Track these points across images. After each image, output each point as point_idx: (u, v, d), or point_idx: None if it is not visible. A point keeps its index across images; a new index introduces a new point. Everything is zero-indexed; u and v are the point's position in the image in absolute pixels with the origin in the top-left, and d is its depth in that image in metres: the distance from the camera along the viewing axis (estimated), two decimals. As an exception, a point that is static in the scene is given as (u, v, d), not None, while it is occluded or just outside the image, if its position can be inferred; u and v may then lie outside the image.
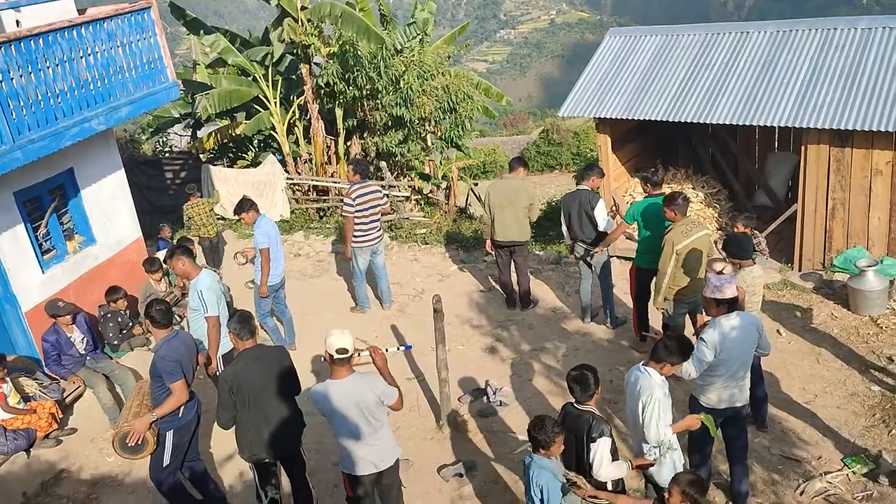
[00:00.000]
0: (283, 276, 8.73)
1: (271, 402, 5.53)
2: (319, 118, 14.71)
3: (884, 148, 8.70)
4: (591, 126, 21.40)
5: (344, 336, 5.04)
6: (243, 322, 5.57)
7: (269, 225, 8.47)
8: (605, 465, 4.74)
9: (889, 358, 7.65)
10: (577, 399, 4.87)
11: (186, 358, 5.92)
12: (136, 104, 9.00)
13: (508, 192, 8.89)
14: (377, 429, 5.19)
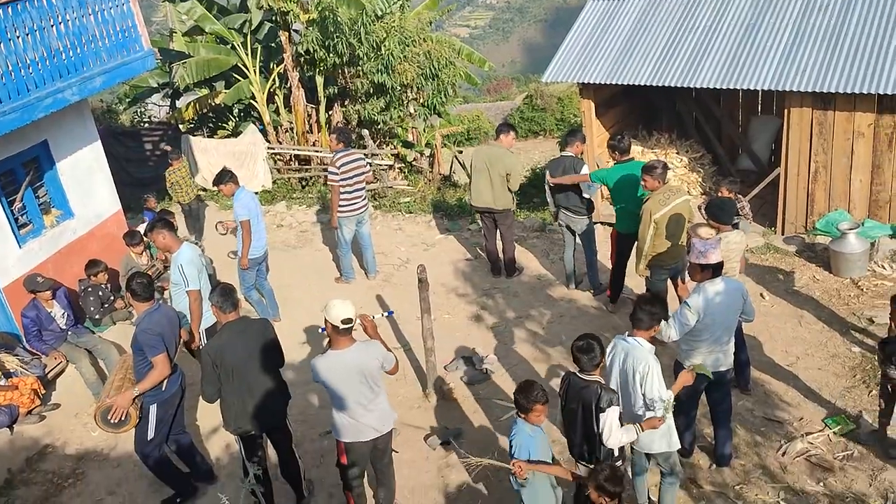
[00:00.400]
0: (266, 249, 8.65)
1: (255, 374, 5.51)
2: (300, 86, 14.49)
3: (866, 110, 8.69)
4: (574, 91, 21.25)
5: (347, 306, 5.03)
6: (225, 295, 5.52)
7: (249, 197, 8.36)
8: (615, 433, 4.75)
9: (870, 319, 7.72)
10: (583, 368, 4.82)
11: (169, 331, 5.87)
12: (110, 74, 8.82)
13: (487, 158, 8.86)
14: (378, 394, 5.27)
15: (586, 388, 4.80)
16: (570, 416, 4.96)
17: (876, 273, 8.56)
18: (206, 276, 7.10)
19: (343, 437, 5.32)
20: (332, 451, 6.28)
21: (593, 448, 4.91)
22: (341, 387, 5.13)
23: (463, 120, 22.31)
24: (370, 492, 5.90)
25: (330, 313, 5.00)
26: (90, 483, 6.65)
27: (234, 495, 5.82)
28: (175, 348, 5.99)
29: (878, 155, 8.84)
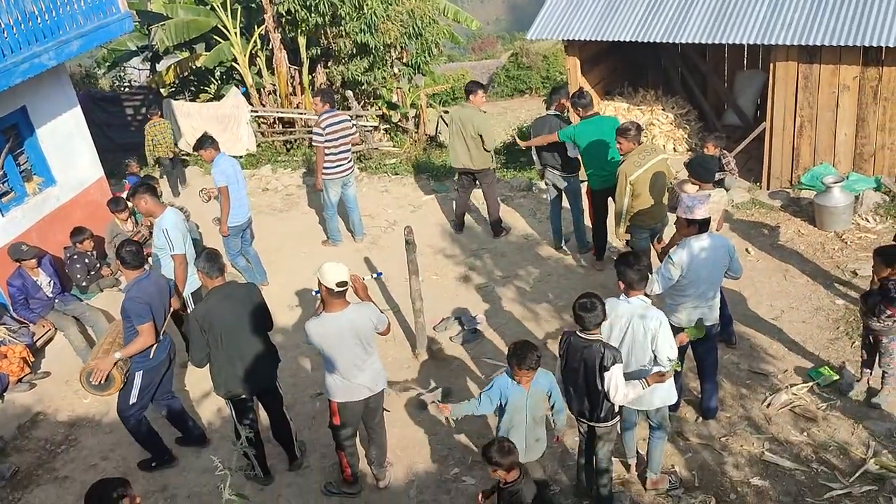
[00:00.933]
0: (250, 216, 8.58)
1: (244, 338, 5.52)
2: (282, 48, 14.26)
3: (851, 63, 8.68)
4: (560, 49, 21.07)
5: (341, 268, 5.04)
6: (211, 260, 5.51)
7: (228, 163, 8.25)
8: (621, 389, 4.79)
9: (853, 272, 7.80)
10: (585, 327, 4.81)
11: (157, 300, 5.86)
12: (87, 37, 8.66)
13: (460, 119, 8.90)
14: (371, 354, 5.33)
15: (588, 348, 4.81)
16: (571, 376, 4.98)
17: (860, 226, 8.63)
18: (190, 241, 7.08)
19: (336, 398, 5.36)
20: (324, 413, 6.34)
21: (595, 405, 4.95)
22: (336, 349, 5.15)
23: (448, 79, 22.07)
24: (362, 451, 5.97)
25: (325, 276, 5.00)
26: (83, 449, 6.69)
27: (226, 457, 5.90)
28: (164, 317, 5.98)
29: (862, 108, 8.85)
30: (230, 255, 8.47)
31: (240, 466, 5.78)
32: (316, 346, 5.22)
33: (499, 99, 25.25)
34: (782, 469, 5.59)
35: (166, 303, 6.04)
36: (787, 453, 5.73)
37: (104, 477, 4.03)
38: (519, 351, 4.68)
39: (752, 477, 5.55)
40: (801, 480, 5.48)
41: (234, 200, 8.21)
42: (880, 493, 5.29)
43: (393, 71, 14.35)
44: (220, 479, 3.46)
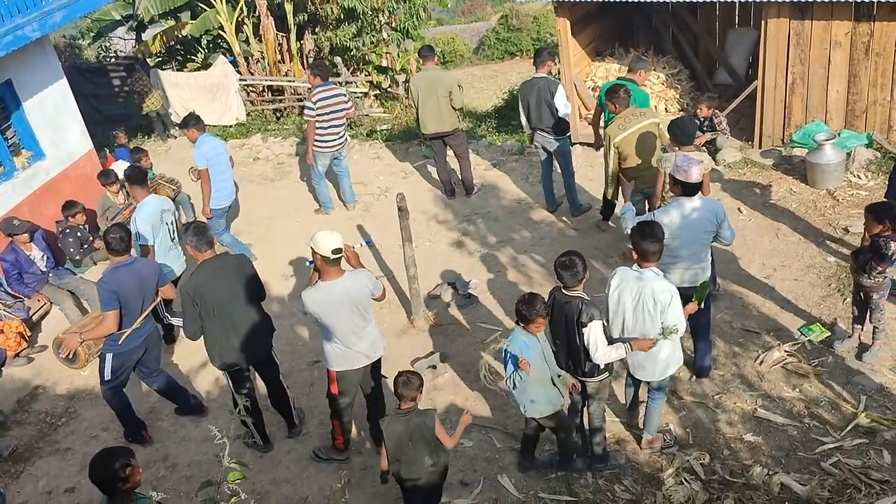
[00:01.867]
0: (235, 199, 8.46)
1: (237, 309, 5.53)
2: (269, 14, 14.08)
3: (843, 19, 8.61)
4: (550, 10, 20.84)
5: (334, 236, 5.05)
6: (199, 233, 5.49)
7: (210, 145, 8.15)
8: (600, 348, 4.85)
9: (845, 229, 7.84)
10: (566, 285, 4.91)
11: (133, 288, 5.74)
12: (70, 7, 8.52)
13: (428, 84, 8.94)
14: (369, 321, 5.35)
15: (569, 304, 4.92)
16: (555, 330, 5.09)
17: (851, 183, 8.65)
18: (164, 231, 7.03)
19: (335, 367, 5.40)
20: (321, 380, 6.40)
21: (577, 361, 5.04)
22: (333, 317, 5.17)
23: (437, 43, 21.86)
24: (360, 417, 6.03)
25: (319, 245, 5.00)
26: (84, 420, 6.74)
27: (225, 426, 5.93)
28: (143, 306, 5.86)
29: (854, 64, 8.80)
30: (216, 234, 8.42)
31: (238, 435, 5.84)
32: (313, 316, 5.24)
33: (489, 62, 25.03)
34: (775, 425, 5.68)
35: (148, 292, 5.92)
36: (779, 409, 5.81)
37: (106, 447, 4.06)
38: (528, 300, 4.78)
39: (746, 433, 5.64)
40: (794, 435, 5.57)
41: (217, 182, 8.16)
42: (871, 445, 5.38)
43: (382, 36, 14.20)
44: (220, 447, 3.49)
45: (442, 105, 8.97)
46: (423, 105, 9.07)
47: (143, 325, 5.93)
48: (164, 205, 7.15)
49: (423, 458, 4.73)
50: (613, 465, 5.49)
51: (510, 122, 12.52)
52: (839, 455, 5.32)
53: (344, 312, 5.17)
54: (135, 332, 5.87)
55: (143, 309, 5.89)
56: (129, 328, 5.80)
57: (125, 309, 5.73)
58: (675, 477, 5.35)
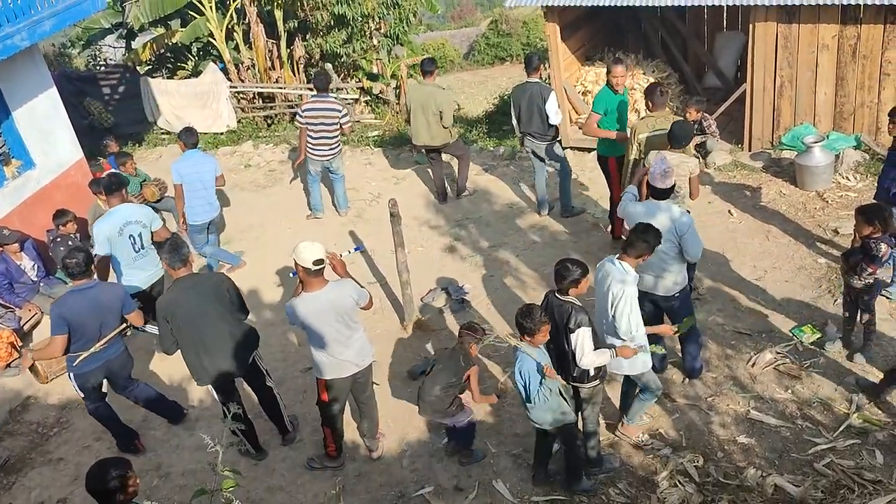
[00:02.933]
0: (215, 217, 8.37)
1: (208, 329, 5.46)
2: (259, 21, 14.07)
3: (830, 22, 8.67)
4: (540, 15, 20.91)
5: (316, 247, 5.04)
6: (174, 251, 5.45)
7: (189, 162, 8.07)
8: (587, 354, 4.87)
9: (834, 230, 7.89)
10: (560, 289, 4.96)
11: (86, 315, 5.61)
12: (59, 16, 8.51)
13: (420, 98, 9.04)
14: (355, 330, 5.35)
15: (560, 308, 4.95)
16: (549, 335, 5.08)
17: (840, 185, 8.71)
18: (125, 243, 6.88)
19: (324, 375, 5.40)
20: (314, 388, 6.34)
21: (565, 366, 5.07)
22: (319, 327, 5.17)
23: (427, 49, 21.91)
24: (352, 424, 6.02)
25: (300, 256, 5.01)
26: (76, 430, 6.70)
27: (218, 435, 5.91)
28: (101, 332, 5.73)
29: (842, 67, 8.87)
30: (197, 248, 8.43)
31: (232, 443, 5.81)
32: (300, 327, 5.25)
33: (479, 67, 25.09)
34: (768, 426, 5.70)
35: (108, 318, 5.75)
36: (772, 411, 5.83)
37: (100, 458, 4.05)
38: (527, 312, 4.81)
39: (739, 435, 5.66)
40: (787, 437, 5.59)
41: (191, 199, 8.09)
42: (863, 446, 5.41)
43: (372, 42, 14.22)
44: (214, 455, 3.49)
45: (432, 122, 9.06)
46: (415, 117, 9.16)
47: (103, 350, 5.80)
48: (130, 217, 6.91)
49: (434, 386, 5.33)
50: (608, 468, 5.50)
51: (501, 126, 12.54)
52: (832, 456, 5.34)
53: (329, 322, 5.16)
54: (93, 355, 5.75)
55: (102, 335, 5.75)
56: (84, 351, 5.70)
57: (77, 334, 5.64)
58: (669, 479, 5.36)
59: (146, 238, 6.99)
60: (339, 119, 9.03)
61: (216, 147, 13.18)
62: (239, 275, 8.54)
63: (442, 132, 9.16)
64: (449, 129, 9.17)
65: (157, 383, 6.98)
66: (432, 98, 8.97)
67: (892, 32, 8.42)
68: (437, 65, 9.45)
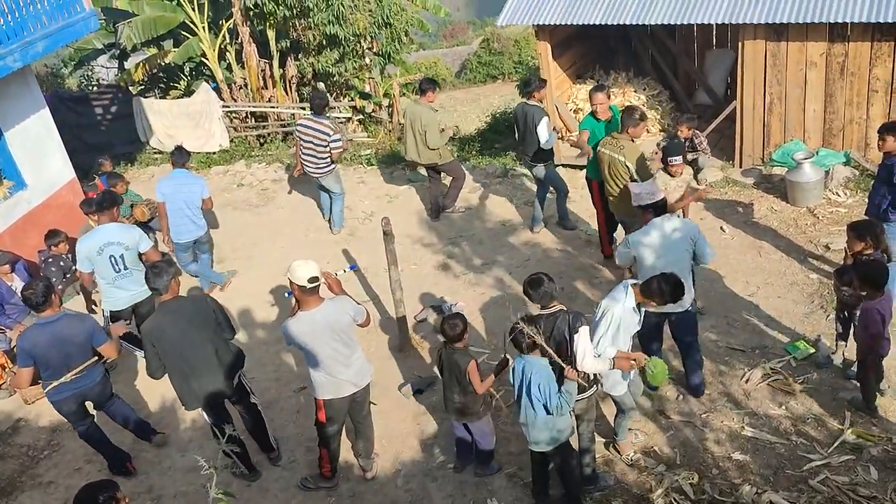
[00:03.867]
0: (201, 236, 8.36)
1: (195, 351, 5.42)
2: (251, 41, 14.14)
3: (818, 40, 8.75)
4: (531, 33, 21.05)
5: (310, 265, 5.04)
6: (157, 276, 5.42)
7: (173, 182, 8.13)
8: (588, 357, 4.88)
9: (826, 246, 7.92)
10: (542, 305, 4.95)
11: (48, 350, 5.57)
12: (52, 38, 8.55)
13: (411, 116, 9.29)
14: (353, 349, 5.32)
15: (554, 318, 4.93)
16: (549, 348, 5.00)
17: (831, 200, 8.76)
18: (104, 264, 6.92)
19: (322, 395, 5.37)
20: (308, 407, 6.35)
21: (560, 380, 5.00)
22: (316, 346, 5.15)
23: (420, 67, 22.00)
24: (346, 444, 5.99)
25: (295, 274, 5.00)
26: (67, 453, 6.64)
27: (211, 456, 5.87)
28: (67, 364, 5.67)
29: (830, 84, 8.95)
30: (182, 265, 8.46)
31: (226, 465, 5.77)
32: (297, 347, 5.22)
33: (472, 85, 25.23)
34: (763, 443, 5.69)
35: (73, 352, 5.66)
36: (766, 427, 5.83)
37: (90, 480, 4.01)
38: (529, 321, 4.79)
39: (734, 452, 5.65)
40: (782, 453, 5.58)
41: (174, 218, 8.14)
42: (858, 461, 5.40)
43: (364, 61, 14.28)
44: (206, 478, 3.46)
45: (418, 141, 9.29)
46: (406, 134, 9.47)
47: (74, 381, 5.74)
48: (112, 238, 6.92)
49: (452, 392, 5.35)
50: (602, 486, 5.48)
51: (493, 145, 12.59)
52: (827, 472, 5.33)
53: (326, 341, 5.15)
54: (63, 385, 5.71)
55: (70, 367, 5.68)
56: (54, 381, 5.68)
57: (43, 366, 5.63)
58: (664, 497, 5.34)
59: (129, 259, 6.97)
60: (328, 142, 9.11)
61: (208, 166, 13.18)
62: (232, 294, 8.54)
63: (427, 152, 9.31)
64: (438, 150, 9.27)
65: (146, 405, 6.94)
66: (419, 118, 9.15)
67: (879, 50, 8.51)
68: (435, 85, 9.45)
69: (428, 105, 9.20)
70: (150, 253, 7.07)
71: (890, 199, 6.55)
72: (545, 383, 4.78)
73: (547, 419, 4.87)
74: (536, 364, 4.82)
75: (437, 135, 9.20)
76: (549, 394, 4.78)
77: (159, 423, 6.76)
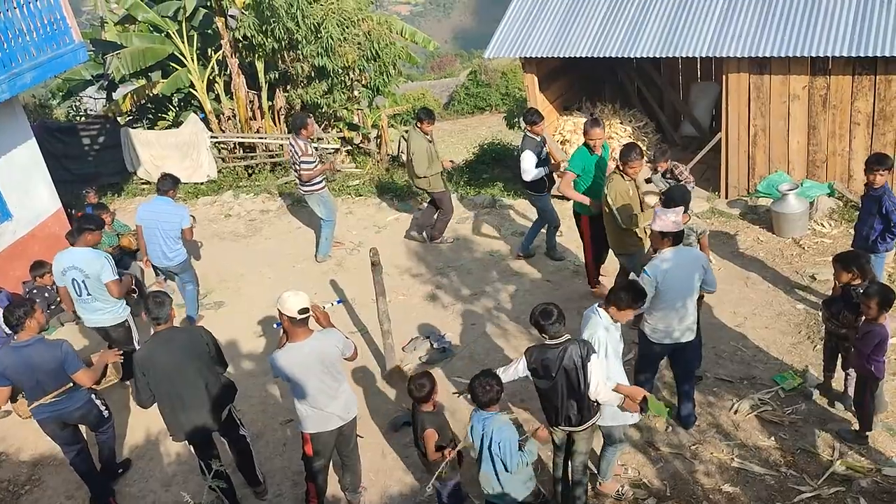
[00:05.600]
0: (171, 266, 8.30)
1: (186, 383, 5.36)
2: (240, 73, 14.20)
3: (800, 73, 8.90)
4: (518, 66, 21.29)
5: (300, 296, 5.00)
6: (158, 305, 5.37)
7: (149, 209, 8.15)
8: (601, 386, 4.84)
9: (812, 276, 7.97)
10: (551, 335, 4.87)
11: (19, 372, 5.54)
12: (41, 69, 8.56)
13: (407, 141, 9.59)
14: (341, 382, 5.28)
15: (564, 350, 4.83)
16: (550, 386, 4.95)
17: (816, 231, 8.83)
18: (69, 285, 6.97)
19: (308, 428, 5.31)
20: (295, 439, 6.28)
21: (581, 407, 4.95)
22: (304, 379, 5.10)
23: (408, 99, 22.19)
24: (333, 477, 5.91)
25: (285, 305, 4.96)
26: (48, 488, 6.52)
27: (195, 491, 5.79)
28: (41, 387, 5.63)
29: (813, 116, 9.08)
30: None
31: (210, 501, 5.67)
32: (284, 379, 5.17)
33: (459, 116, 25.43)
34: (752, 474, 5.67)
35: (41, 377, 5.58)
36: (756, 458, 5.81)
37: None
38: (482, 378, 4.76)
39: (724, 483, 5.62)
40: (771, 485, 5.55)
41: (151, 244, 8.13)
42: (848, 493, 5.38)
43: (353, 93, 14.36)
44: (191, 514, 3.40)
45: (408, 165, 9.50)
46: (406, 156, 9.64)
47: (51, 403, 5.69)
48: (75, 263, 6.91)
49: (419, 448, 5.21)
50: (593, 520, 5.42)
51: (481, 175, 12.64)
52: (817, 504, 5.32)
53: (314, 374, 5.10)
54: (41, 406, 5.68)
55: (45, 391, 5.64)
56: (35, 401, 5.67)
57: (19, 387, 5.66)
58: (655, 531, 5.30)
59: (91, 286, 6.91)
60: (299, 160, 9.22)
61: (196, 197, 13.16)
62: (219, 325, 8.45)
63: (415, 178, 9.50)
64: (427, 178, 9.38)
65: (131, 435, 6.85)
66: (411, 144, 9.42)
67: (860, 83, 8.65)
68: (430, 115, 9.49)
69: (421, 133, 9.27)
70: (111, 285, 6.93)
71: (879, 229, 6.61)
72: (505, 440, 4.68)
73: (505, 476, 4.78)
74: (496, 420, 4.72)
75: (423, 163, 9.29)
76: (509, 451, 4.67)
77: (144, 456, 6.67)
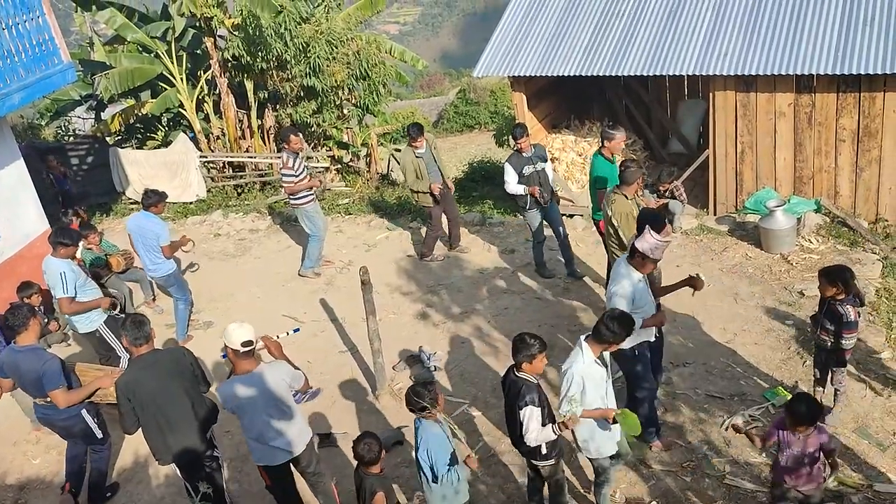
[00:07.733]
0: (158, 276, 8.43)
1: (172, 405, 5.29)
2: (229, 92, 14.23)
3: (785, 91, 9.00)
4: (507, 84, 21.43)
5: (245, 328, 4.96)
6: (136, 327, 5.29)
7: (133, 222, 8.36)
8: (531, 432, 4.80)
9: (800, 292, 8.00)
10: (516, 364, 4.88)
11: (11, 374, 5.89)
12: (29, 89, 8.54)
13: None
14: (290, 416, 5.17)
15: (514, 384, 4.88)
16: (508, 410, 5.05)
17: (804, 247, 8.88)
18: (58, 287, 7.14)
19: (258, 461, 5.28)
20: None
21: (517, 441, 5.01)
22: (250, 412, 5.02)
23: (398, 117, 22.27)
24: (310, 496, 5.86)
25: (229, 338, 4.92)
26: (34, 513, 6.45)
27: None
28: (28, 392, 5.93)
29: (799, 133, 9.16)
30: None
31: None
32: (230, 411, 5.11)
33: (448, 135, 25.52)
34: (744, 491, 5.65)
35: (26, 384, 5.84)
36: (747, 475, 5.80)
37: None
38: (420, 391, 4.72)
39: (716, 501, 5.60)
40: (763, 502, 5.54)
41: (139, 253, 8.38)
42: (839, 509, 5.38)
43: (342, 112, 14.41)
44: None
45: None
46: None
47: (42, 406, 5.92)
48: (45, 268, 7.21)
49: None
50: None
51: (471, 193, 12.69)
52: (809, 520, 5.29)
53: (259, 407, 5.01)
54: (36, 405, 5.99)
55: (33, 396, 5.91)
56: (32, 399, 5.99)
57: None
58: (647, 549, 5.27)
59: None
60: (281, 171, 9.32)
61: (185, 216, 13.13)
62: (208, 345, 8.41)
63: (413, 193, 9.67)
64: (417, 192, 9.54)
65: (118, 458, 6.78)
66: (401, 159, 9.59)
67: (845, 101, 8.75)
68: (419, 131, 9.51)
69: (411, 149, 9.36)
70: (62, 302, 7.07)
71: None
72: (433, 448, 4.68)
73: (434, 486, 4.75)
74: (428, 428, 4.73)
75: (409, 177, 9.48)
76: (437, 461, 4.67)
77: (132, 479, 6.59)
